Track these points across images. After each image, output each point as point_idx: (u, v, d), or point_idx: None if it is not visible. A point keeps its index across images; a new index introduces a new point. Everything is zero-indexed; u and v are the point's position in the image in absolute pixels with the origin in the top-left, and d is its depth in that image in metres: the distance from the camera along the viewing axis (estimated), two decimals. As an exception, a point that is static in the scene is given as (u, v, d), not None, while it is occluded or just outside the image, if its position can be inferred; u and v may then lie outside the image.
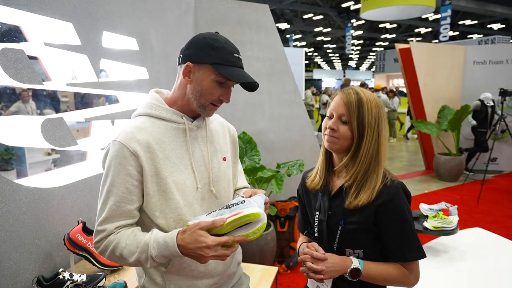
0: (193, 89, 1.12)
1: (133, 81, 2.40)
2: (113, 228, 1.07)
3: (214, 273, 1.20)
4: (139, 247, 1.04)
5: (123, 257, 1.06)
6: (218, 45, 1.09)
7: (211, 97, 1.12)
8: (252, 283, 2.01)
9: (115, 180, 1.06)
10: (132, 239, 1.06)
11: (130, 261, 1.05)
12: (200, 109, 1.14)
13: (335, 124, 1.13)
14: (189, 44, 1.13)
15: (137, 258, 1.04)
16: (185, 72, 1.11)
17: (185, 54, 1.12)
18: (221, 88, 1.12)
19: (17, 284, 1.58)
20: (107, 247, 1.07)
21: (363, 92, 1.13)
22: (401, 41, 22.29)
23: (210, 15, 3.25)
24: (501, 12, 15.82)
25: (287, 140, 3.79)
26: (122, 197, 1.07)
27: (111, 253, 1.07)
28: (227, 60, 1.09)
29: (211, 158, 1.21)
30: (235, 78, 1.09)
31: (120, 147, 1.06)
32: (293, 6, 16.05)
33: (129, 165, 1.06)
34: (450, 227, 2.56)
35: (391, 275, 1.12)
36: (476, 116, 6.34)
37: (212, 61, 1.08)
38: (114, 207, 1.06)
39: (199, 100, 1.12)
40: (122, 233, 1.07)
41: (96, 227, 1.08)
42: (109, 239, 1.06)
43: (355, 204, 1.11)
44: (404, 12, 10.07)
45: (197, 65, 1.10)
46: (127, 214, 1.09)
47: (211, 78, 1.09)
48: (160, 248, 1.02)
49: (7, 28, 1.58)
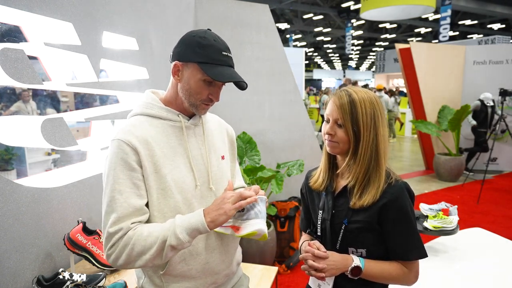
0: (183, 88, 1.11)
1: (133, 81, 2.40)
2: (129, 224, 1.01)
3: (212, 272, 1.19)
4: (163, 230, 1.00)
5: (145, 249, 0.99)
6: (206, 43, 1.07)
7: (200, 97, 1.10)
8: (252, 283, 2.01)
9: (120, 177, 1.02)
10: (156, 227, 1.02)
11: (153, 250, 0.99)
12: (192, 108, 1.13)
13: (332, 129, 1.14)
14: (179, 42, 1.12)
15: (161, 242, 0.98)
16: (174, 70, 1.11)
17: (175, 52, 1.12)
18: (210, 87, 1.10)
19: (17, 284, 1.58)
20: (126, 244, 0.99)
21: (356, 92, 1.12)
22: (401, 41, 22.29)
23: (210, 15, 3.25)
24: (501, 12, 15.81)
25: (287, 140, 3.79)
26: (130, 192, 1.03)
27: (130, 250, 0.99)
28: (214, 58, 1.06)
29: (209, 156, 1.20)
30: (220, 78, 1.06)
31: (120, 143, 1.05)
32: (293, 6, 16.04)
33: (131, 159, 1.04)
34: (450, 227, 2.55)
35: (391, 274, 1.13)
36: (476, 116, 6.33)
37: (198, 59, 1.06)
38: (125, 205, 1.01)
39: (189, 99, 1.11)
40: (140, 227, 1.02)
41: (108, 230, 1.00)
42: (127, 235, 1.00)
43: (360, 205, 1.11)
44: (404, 12, 10.07)
45: (184, 63, 1.08)
46: (139, 211, 1.04)
47: (198, 77, 1.08)
48: (185, 219, 1.02)
49: (7, 28, 1.58)
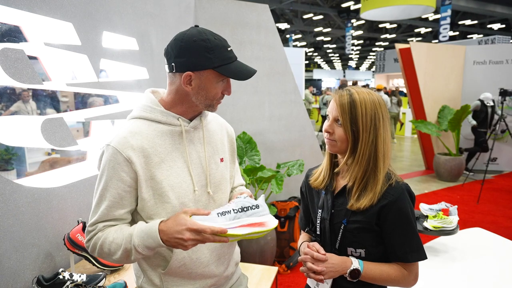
0: (197, 94, 1.10)
1: (133, 81, 2.40)
2: (101, 226, 1.08)
3: (212, 274, 1.19)
4: (124, 239, 1.04)
5: (111, 252, 1.06)
6: (211, 45, 1.05)
7: (216, 96, 1.12)
8: (252, 283, 2.01)
9: (108, 184, 1.06)
10: (119, 233, 1.06)
11: (118, 255, 1.05)
12: (208, 108, 1.15)
13: (330, 127, 1.14)
14: (180, 50, 1.06)
15: (123, 251, 1.03)
16: (185, 81, 1.08)
17: (180, 62, 1.06)
18: (223, 85, 1.12)
19: (17, 284, 1.58)
20: (96, 244, 1.07)
21: (357, 93, 1.11)
22: (401, 41, 22.31)
23: (210, 15, 3.25)
24: (501, 12, 15.82)
25: (287, 140, 3.79)
26: (114, 202, 1.07)
27: (100, 249, 1.07)
28: (226, 58, 1.07)
29: (208, 160, 1.20)
30: (241, 76, 1.09)
31: (114, 152, 1.05)
32: (293, 6, 16.04)
33: (122, 170, 1.05)
34: (450, 227, 2.55)
35: (390, 276, 1.13)
36: (476, 116, 6.34)
37: (213, 65, 1.06)
38: (105, 211, 1.07)
39: (205, 102, 1.12)
40: (108, 229, 1.08)
41: (87, 227, 1.10)
42: (97, 236, 1.07)
43: (357, 207, 1.11)
44: (404, 12, 10.06)
45: (197, 72, 1.07)
46: (117, 218, 1.09)
47: (215, 80, 1.09)
48: (143, 237, 1.01)
49: (7, 28, 1.58)
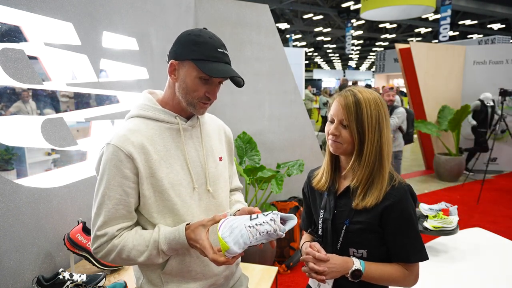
0: (180, 87, 1.10)
1: (133, 81, 2.40)
2: (115, 231, 1.06)
3: (212, 274, 1.19)
4: (149, 246, 1.06)
5: (130, 258, 1.06)
6: (201, 41, 1.06)
7: (196, 94, 1.09)
8: (252, 283, 2.01)
9: (111, 183, 1.05)
10: (139, 239, 1.06)
11: (139, 260, 1.07)
12: (190, 107, 1.12)
13: (336, 130, 1.13)
14: (175, 42, 1.11)
15: (148, 257, 1.06)
16: (170, 69, 1.10)
17: (171, 51, 1.11)
18: (207, 85, 1.09)
19: (17, 284, 1.58)
20: (111, 251, 1.06)
21: (361, 92, 1.11)
22: (401, 41, 22.30)
23: (210, 15, 3.25)
24: (501, 12, 15.81)
25: (287, 140, 3.79)
26: (120, 199, 1.06)
27: (117, 256, 1.06)
28: (210, 55, 1.06)
29: (207, 158, 1.20)
30: (216, 74, 1.04)
31: (115, 150, 1.05)
32: (293, 6, 16.04)
33: (125, 167, 1.05)
34: (450, 227, 2.55)
35: (391, 276, 1.13)
36: (476, 116, 6.33)
37: (193, 57, 1.05)
38: (113, 210, 1.05)
39: (186, 98, 1.10)
40: (125, 235, 1.07)
41: (96, 233, 1.06)
42: (112, 243, 1.06)
43: (362, 206, 1.11)
44: (404, 12, 10.05)
45: (180, 62, 1.08)
46: (126, 216, 1.08)
47: (194, 74, 1.07)
48: (171, 243, 1.06)
49: (7, 28, 1.58)
